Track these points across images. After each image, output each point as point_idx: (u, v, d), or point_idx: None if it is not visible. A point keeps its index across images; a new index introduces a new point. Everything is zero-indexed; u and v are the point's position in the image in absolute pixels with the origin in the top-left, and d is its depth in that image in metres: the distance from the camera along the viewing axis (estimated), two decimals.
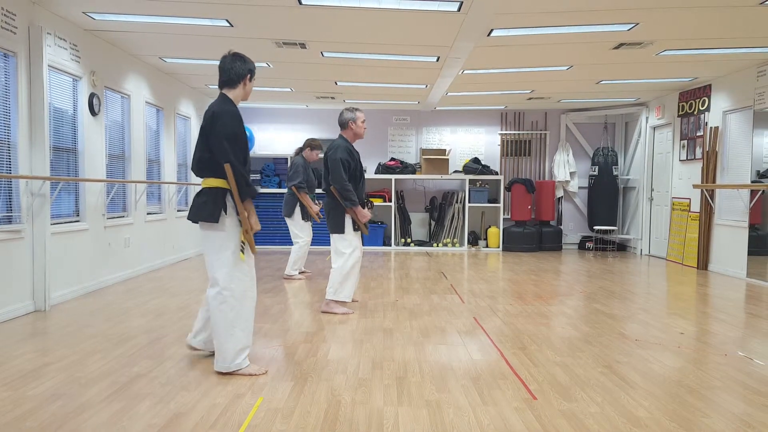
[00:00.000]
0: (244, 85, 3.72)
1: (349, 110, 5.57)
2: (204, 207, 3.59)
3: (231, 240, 3.62)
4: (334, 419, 3.01)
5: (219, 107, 3.60)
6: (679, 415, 3.11)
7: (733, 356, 4.24)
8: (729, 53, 7.10)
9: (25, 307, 5.37)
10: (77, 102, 6.33)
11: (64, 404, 3.17)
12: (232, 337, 3.64)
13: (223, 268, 3.62)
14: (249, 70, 3.71)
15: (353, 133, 5.57)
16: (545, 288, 7.12)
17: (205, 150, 3.59)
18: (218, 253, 3.63)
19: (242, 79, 3.69)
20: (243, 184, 3.53)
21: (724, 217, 8.39)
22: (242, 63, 3.69)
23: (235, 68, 3.67)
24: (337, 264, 5.47)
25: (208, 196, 3.60)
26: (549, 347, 4.43)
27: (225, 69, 3.69)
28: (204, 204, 3.60)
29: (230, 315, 3.63)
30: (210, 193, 3.60)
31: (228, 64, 3.68)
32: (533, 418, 3.04)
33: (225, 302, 3.62)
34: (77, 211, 6.43)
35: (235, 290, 3.63)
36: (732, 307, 6.13)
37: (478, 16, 5.57)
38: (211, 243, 3.65)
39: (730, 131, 8.41)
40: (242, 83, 3.70)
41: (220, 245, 3.62)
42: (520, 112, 12.00)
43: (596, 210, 11.43)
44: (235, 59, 3.68)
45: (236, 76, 3.68)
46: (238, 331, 3.65)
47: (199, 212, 3.61)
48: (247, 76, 3.71)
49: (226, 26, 6.11)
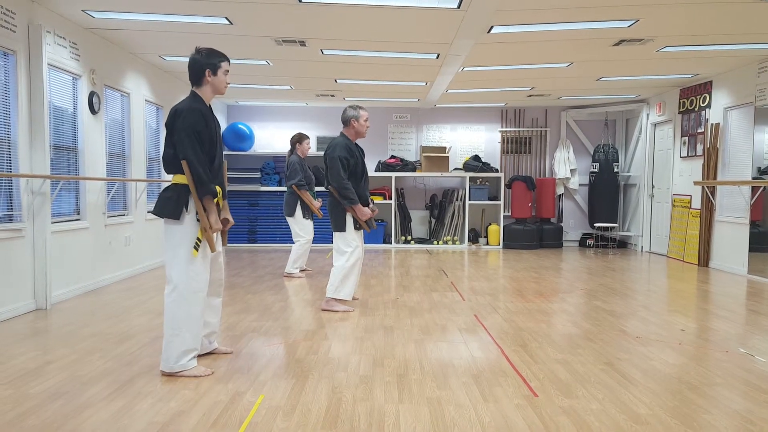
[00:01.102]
0: (208, 80, 3.66)
1: (353, 108, 5.57)
2: (167, 203, 3.57)
3: (188, 238, 3.56)
4: (335, 417, 3.02)
5: (182, 104, 3.61)
6: (680, 412, 3.11)
7: (734, 353, 4.24)
8: (730, 49, 7.08)
9: (25, 305, 5.37)
10: (77, 100, 6.32)
11: (65, 403, 3.17)
12: (177, 338, 3.58)
13: (178, 266, 3.57)
14: (207, 65, 3.62)
15: (355, 131, 5.56)
16: (546, 285, 7.12)
17: (170, 146, 3.58)
18: (174, 250, 3.58)
19: (203, 75, 3.64)
20: (199, 181, 3.48)
21: (725, 213, 8.38)
22: (202, 57, 3.64)
23: (194, 65, 3.65)
24: (339, 262, 5.47)
25: (173, 192, 3.58)
26: (550, 344, 4.43)
27: (188, 66, 3.69)
28: (168, 200, 3.57)
29: (179, 314, 3.57)
30: (175, 190, 3.58)
31: (190, 61, 3.67)
32: (534, 415, 3.04)
33: (175, 301, 3.57)
34: (78, 209, 6.43)
35: (186, 290, 3.58)
36: (733, 303, 6.13)
37: (478, 13, 5.56)
38: (169, 240, 3.60)
39: (730, 128, 8.40)
40: (204, 79, 3.65)
41: (178, 243, 3.57)
42: (521, 109, 11.99)
43: (597, 207, 11.42)
44: (194, 55, 3.65)
45: (196, 73, 3.65)
46: (185, 332, 3.58)
47: (163, 208, 3.59)
48: (206, 71, 3.63)
49: (225, 24, 6.10)
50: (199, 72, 3.64)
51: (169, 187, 3.63)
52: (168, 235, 3.60)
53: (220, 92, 3.75)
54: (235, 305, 5.76)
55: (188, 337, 3.60)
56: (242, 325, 4.95)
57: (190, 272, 3.57)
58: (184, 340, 3.59)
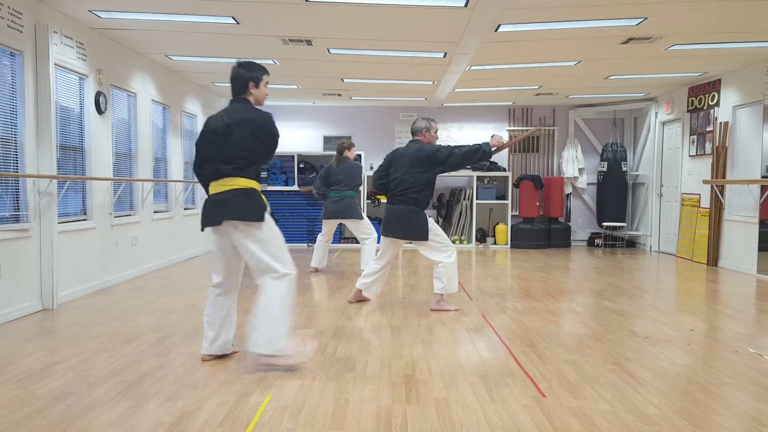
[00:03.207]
0: (251, 92, 3.84)
1: (425, 119, 5.64)
2: (247, 207, 3.70)
3: (275, 231, 3.79)
4: (342, 417, 3.00)
5: (256, 114, 3.80)
6: (689, 413, 3.08)
7: (744, 353, 4.20)
8: (739, 48, 7.03)
9: (32, 306, 5.38)
10: (84, 100, 6.33)
11: (72, 403, 3.17)
12: (285, 320, 3.74)
13: (282, 257, 3.75)
14: (251, 78, 3.82)
15: (426, 141, 5.58)
16: (554, 285, 7.09)
17: (245, 152, 3.71)
18: (270, 245, 3.74)
19: (246, 87, 3.82)
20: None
21: (734, 212, 8.32)
22: (245, 71, 3.83)
23: (238, 78, 3.83)
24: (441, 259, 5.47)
25: (246, 197, 3.71)
26: (558, 344, 4.40)
27: (231, 80, 3.86)
28: (245, 204, 3.70)
29: (287, 300, 3.74)
30: (251, 194, 3.73)
31: (233, 75, 3.85)
32: (542, 416, 3.02)
33: (289, 288, 3.75)
34: (84, 209, 6.44)
35: (293, 281, 3.78)
36: (742, 303, 6.08)
37: (485, 12, 5.53)
38: (259, 238, 3.72)
39: (739, 126, 8.34)
40: (248, 91, 3.83)
41: (271, 238, 3.75)
42: (528, 108, 11.95)
43: (605, 206, 11.36)
44: (238, 69, 3.85)
45: (240, 86, 3.83)
46: (286, 319, 3.76)
47: (244, 212, 3.70)
48: (250, 83, 3.82)
49: (232, 23, 6.10)
50: (243, 85, 3.82)
51: (237, 192, 3.71)
52: (255, 236, 3.72)
53: (261, 103, 3.95)
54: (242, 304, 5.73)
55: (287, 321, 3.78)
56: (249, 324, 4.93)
57: (288, 262, 3.78)
58: (288, 323, 3.76)
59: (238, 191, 3.70)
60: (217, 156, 3.74)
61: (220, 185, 3.73)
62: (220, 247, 3.90)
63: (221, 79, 9.21)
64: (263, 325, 3.70)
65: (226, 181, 3.72)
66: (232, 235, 3.75)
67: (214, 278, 3.99)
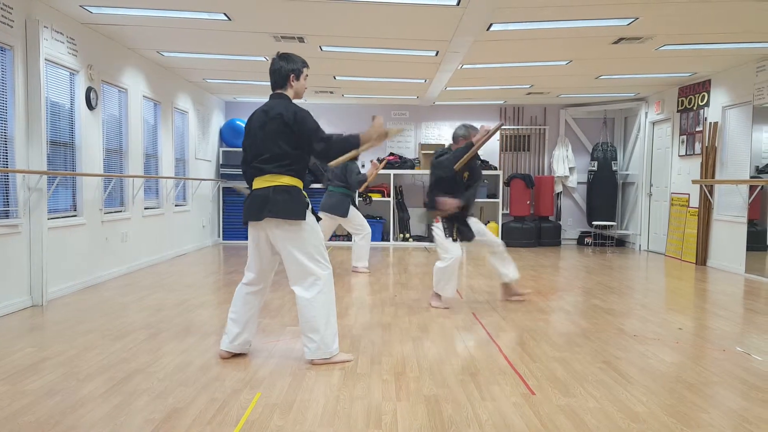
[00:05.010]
0: (292, 85, 3.79)
1: (466, 127, 5.63)
2: (289, 205, 3.66)
3: (316, 230, 3.78)
4: (332, 415, 3.01)
5: (293, 107, 3.72)
6: (677, 411, 3.10)
7: (732, 352, 4.24)
8: (728, 48, 7.08)
9: (22, 302, 5.36)
10: (74, 96, 6.30)
11: (61, 399, 3.16)
12: (332, 324, 3.79)
13: (319, 256, 3.75)
14: (292, 70, 3.76)
15: None
16: (544, 283, 7.12)
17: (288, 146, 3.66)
18: (309, 245, 3.72)
19: (287, 80, 3.77)
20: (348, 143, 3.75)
21: (722, 212, 8.38)
22: (286, 63, 3.78)
23: (279, 71, 3.77)
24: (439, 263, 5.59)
25: (287, 195, 3.67)
26: (547, 342, 4.42)
27: (271, 72, 3.81)
28: (286, 202, 3.66)
29: (329, 302, 3.78)
30: (292, 191, 3.68)
31: (273, 66, 3.80)
32: (532, 414, 3.04)
33: (326, 291, 3.75)
34: (74, 205, 6.41)
35: (329, 278, 3.79)
36: (730, 302, 6.13)
37: (477, 11, 5.55)
38: (300, 238, 3.71)
39: (729, 127, 8.40)
40: (288, 84, 3.78)
41: (311, 238, 3.73)
42: (520, 107, 11.98)
43: (595, 205, 11.42)
44: (279, 60, 3.80)
45: (281, 79, 3.78)
46: (333, 317, 3.81)
47: (285, 210, 3.66)
48: (291, 76, 3.77)
49: (224, 20, 6.08)
50: (284, 77, 3.78)
51: (278, 189, 3.67)
52: (296, 237, 3.70)
53: (300, 96, 3.90)
54: None
55: (335, 322, 3.85)
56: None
57: (324, 263, 3.79)
58: (334, 325, 3.82)
59: (279, 188, 3.67)
60: (257, 153, 3.72)
61: (262, 181, 3.71)
62: (257, 245, 3.83)
63: (213, 75, 9.18)
64: (312, 333, 3.75)
65: (268, 177, 3.69)
66: (272, 232, 3.72)
67: (247, 275, 3.92)
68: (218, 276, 7.63)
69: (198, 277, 7.40)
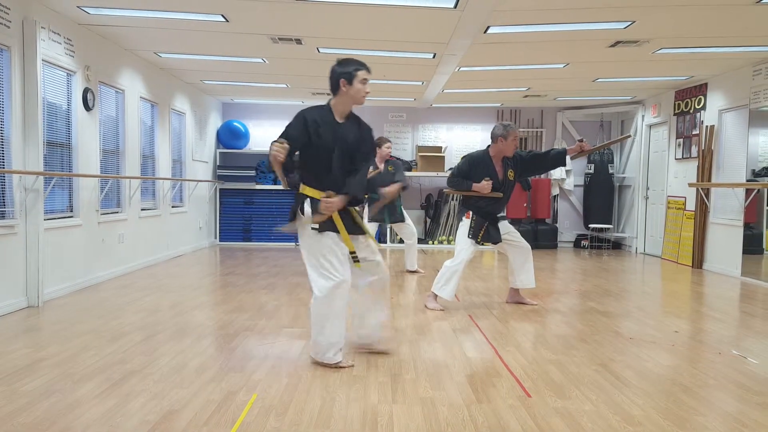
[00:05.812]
0: (344, 90, 3.73)
1: (503, 126, 5.42)
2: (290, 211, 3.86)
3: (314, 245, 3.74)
4: (328, 417, 3.01)
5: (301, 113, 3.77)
6: (673, 414, 3.11)
7: (727, 355, 4.25)
8: (725, 52, 7.10)
9: (18, 303, 5.34)
10: (71, 97, 6.29)
11: (57, 400, 3.16)
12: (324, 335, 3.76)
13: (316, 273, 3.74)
14: (342, 74, 3.71)
15: (498, 149, 5.49)
16: (540, 286, 7.10)
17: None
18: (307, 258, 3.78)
19: (339, 85, 3.74)
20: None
21: (719, 215, 8.39)
22: (338, 67, 3.75)
23: (332, 75, 3.77)
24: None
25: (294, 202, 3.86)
26: (544, 345, 4.42)
27: (329, 78, 3.81)
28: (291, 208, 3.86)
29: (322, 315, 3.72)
30: (295, 198, 3.85)
31: (330, 73, 3.79)
32: (528, 416, 3.04)
33: (318, 301, 3.72)
34: (71, 206, 6.39)
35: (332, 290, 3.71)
36: (726, 305, 6.14)
37: (475, 13, 5.55)
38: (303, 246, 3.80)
39: (725, 130, 8.42)
40: (340, 89, 3.73)
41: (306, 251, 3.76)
42: (517, 110, 11.99)
43: (592, 208, 11.44)
44: (334, 66, 3.77)
45: (334, 83, 3.77)
46: (330, 329, 3.73)
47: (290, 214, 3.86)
48: (341, 80, 3.71)
49: (221, 21, 6.08)
50: (335, 82, 3.74)
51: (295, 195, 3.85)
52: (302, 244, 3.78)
53: (359, 102, 3.81)
54: (229, 304, 5.75)
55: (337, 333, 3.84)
56: (236, 323, 4.94)
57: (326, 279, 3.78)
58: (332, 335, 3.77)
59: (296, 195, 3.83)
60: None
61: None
62: None
63: (210, 76, 9.18)
64: (312, 330, 3.82)
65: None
66: None
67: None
68: (215, 277, 7.62)
69: (194, 279, 7.39)
